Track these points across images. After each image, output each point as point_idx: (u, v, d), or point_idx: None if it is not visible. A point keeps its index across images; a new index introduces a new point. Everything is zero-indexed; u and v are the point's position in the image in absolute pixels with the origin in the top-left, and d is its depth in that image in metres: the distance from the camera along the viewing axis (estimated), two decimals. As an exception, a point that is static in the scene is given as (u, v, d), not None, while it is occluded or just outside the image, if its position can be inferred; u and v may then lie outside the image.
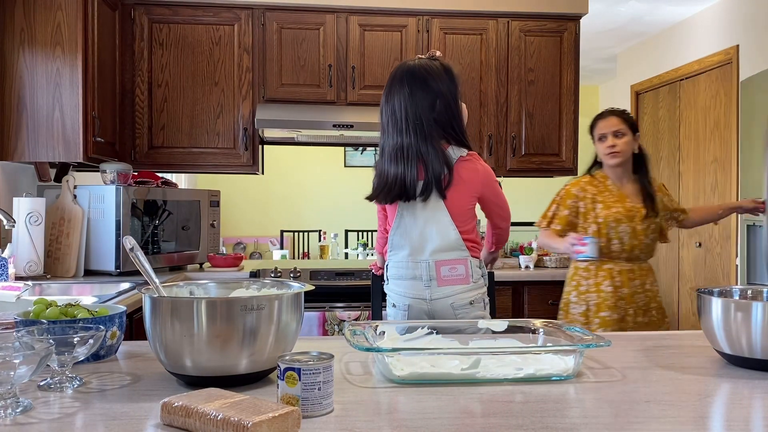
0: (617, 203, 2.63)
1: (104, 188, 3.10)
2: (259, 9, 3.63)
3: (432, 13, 3.75)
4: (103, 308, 1.47)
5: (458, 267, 2.10)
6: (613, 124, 2.65)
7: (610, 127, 2.65)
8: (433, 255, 2.09)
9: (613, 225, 2.59)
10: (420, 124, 2.07)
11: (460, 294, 2.08)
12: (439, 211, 2.10)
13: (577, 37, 3.90)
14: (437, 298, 2.08)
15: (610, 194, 2.65)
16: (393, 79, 2.14)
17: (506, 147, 3.83)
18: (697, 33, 5.18)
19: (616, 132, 2.64)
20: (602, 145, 2.67)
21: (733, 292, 1.53)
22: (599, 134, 2.68)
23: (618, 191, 2.66)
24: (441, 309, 2.08)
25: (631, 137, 2.65)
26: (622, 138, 2.64)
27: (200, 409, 0.99)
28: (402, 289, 2.13)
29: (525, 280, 3.49)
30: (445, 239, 2.10)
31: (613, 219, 2.59)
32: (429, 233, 2.09)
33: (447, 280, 2.09)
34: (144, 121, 3.57)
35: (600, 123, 2.69)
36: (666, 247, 5.66)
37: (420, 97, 2.08)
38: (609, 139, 2.64)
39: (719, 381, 1.30)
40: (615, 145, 2.62)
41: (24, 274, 2.84)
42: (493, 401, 1.17)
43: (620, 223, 2.59)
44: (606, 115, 2.70)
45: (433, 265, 2.08)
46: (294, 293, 1.27)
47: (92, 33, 3.01)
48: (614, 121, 2.66)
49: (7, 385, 1.05)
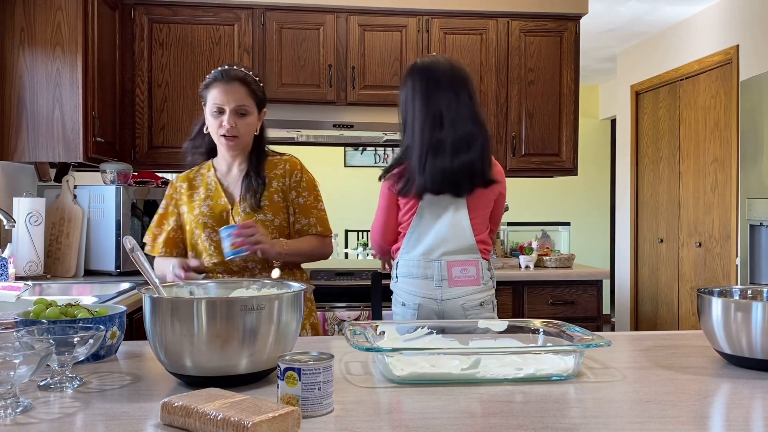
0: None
1: (104, 188, 3.10)
2: (259, 9, 3.62)
3: (432, 13, 3.75)
4: (103, 308, 1.47)
5: (470, 268, 2.11)
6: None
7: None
8: (446, 255, 2.09)
9: None
10: (477, 114, 2.15)
11: (471, 295, 2.09)
12: (461, 211, 2.10)
13: (577, 37, 3.90)
14: (448, 298, 2.08)
15: None
16: (436, 72, 2.13)
17: (506, 147, 3.82)
18: (697, 33, 5.18)
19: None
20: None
21: (733, 292, 1.53)
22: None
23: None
24: (451, 309, 2.08)
25: None
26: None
27: (200, 409, 0.99)
28: (413, 288, 2.11)
29: (525, 280, 3.49)
30: (461, 240, 2.10)
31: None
32: (447, 233, 2.09)
33: (458, 281, 2.09)
34: (144, 121, 3.57)
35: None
36: (666, 246, 5.66)
37: (468, 90, 2.14)
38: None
39: (719, 381, 1.30)
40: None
41: (24, 274, 2.84)
42: (493, 401, 1.17)
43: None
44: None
45: (445, 265, 2.08)
46: (294, 293, 1.27)
47: (92, 33, 3.01)
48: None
49: (7, 385, 1.05)
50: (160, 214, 2.19)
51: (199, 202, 2.12)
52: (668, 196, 5.64)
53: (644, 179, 6.06)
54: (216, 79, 2.07)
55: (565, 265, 3.73)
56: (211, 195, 2.13)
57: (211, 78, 2.09)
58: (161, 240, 2.15)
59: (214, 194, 2.13)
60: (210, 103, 2.06)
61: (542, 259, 3.75)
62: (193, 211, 2.12)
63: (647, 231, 6.00)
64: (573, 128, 3.89)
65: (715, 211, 4.95)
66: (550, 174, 3.96)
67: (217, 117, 2.05)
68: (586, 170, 7.07)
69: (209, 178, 2.16)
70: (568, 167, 3.90)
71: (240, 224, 1.95)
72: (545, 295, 3.51)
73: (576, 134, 3.90)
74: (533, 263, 3.68)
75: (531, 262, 3.67)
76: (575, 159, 3.90)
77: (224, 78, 2.07)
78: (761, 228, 3.81)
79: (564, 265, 3.73)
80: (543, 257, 3.75)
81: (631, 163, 6.23)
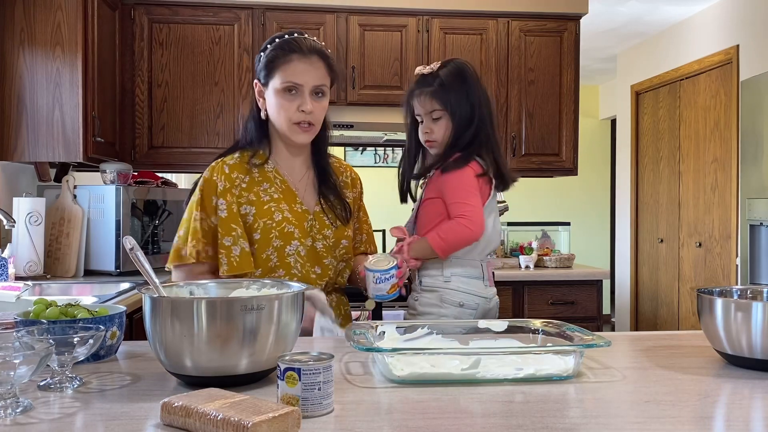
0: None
1: (104, 188, 3.10)
2: (259, 9, 3.62)
3: (432, 13, 3.75)
4: (103, 308, 1.47)
5: (491, 269, 2.13)
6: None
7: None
8: (486, 255, 2.09)
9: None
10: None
11: (496, 295, 2.12)
12: (497, 209, 2.10)
13: (577, 37, 3.90)
14: (491, 297, 2.09)
15: None
16: (472, 75, 2.06)
17: (506, 147, 3.83)
18: (697, 33, 5.18)
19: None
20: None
21: (733, 292, 1.53)
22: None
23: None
24: (494, 309, 2.09)
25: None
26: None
27: (200, 409, 0.99)
28: (472, 288, 2.05)
29: (525, 280, 3.49)
30: (497, 242, 2.12)
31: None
32: (492, 234, 2.08)
33: (491, 281, 2.11)
34: (144, 121, 3.57)
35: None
36: (666, 246, 5.66)
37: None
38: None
39: (719, 381, 1.30)
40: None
41: (24, 274, 2.84)
42: (493, 401, 1.17)
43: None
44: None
45: (485, 264, 2.09)
46: (294, 293, 1.27)
47: (92, 33, 3.01)
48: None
49: (7, 385, 1.05)
50: (223, 218, 1.71)
51: (274, 203, 1.74)
52: (668, 196, 5.65)
53: (644, 179, 6.06)
54: (292, 50, 1.70)
55: (565, 265, 3.73)
56: (283, 197, 1.76)
57: (279, 48, 1.71)
58: (238, 253, 1.69)
59: (285, 195, 1.77)
60: (280, 80, 1.69)
61: (542, 259, 3.75)
62: (271, 215, 1.73)
63: (647, 231, 6.01)
64: (573, 128, 3.89)
65: (715, 211, 4.95)
66: (550, 174, 3.96)
67: (290, 98, 1.70)
68: (586, 170, 7.07)
69: (270, 173, 1.78)
70: (568, 167, 3.90)
71: (400, 262, 1.75)
72: (545, 295, 3.51)
73: (576, 134, 3.90)
74: (533, 263, 3.68)
75: (531, 262, 3.67)
76: (575, 159, 3.90)
77: (303, 50, 1.70)
78: (761, 228, 3.81)
79: (564, 265, 3.73)
80: (543, 257, 3.75)
81: (631, 163, 6.23)
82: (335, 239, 1.81)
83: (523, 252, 3.78)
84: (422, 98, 2.03)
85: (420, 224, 2.05)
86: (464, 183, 1.96)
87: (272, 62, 1.71)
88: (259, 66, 1.76)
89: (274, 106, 1.73)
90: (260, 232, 1.72)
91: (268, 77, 1.72)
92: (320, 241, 1.79)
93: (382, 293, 1.73)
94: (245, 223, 1.73)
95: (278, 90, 1.71)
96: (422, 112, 2.04)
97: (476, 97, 2.02)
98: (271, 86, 1.72)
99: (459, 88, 2.01)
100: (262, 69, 1.74)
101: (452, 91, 2.01)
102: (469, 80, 2.03)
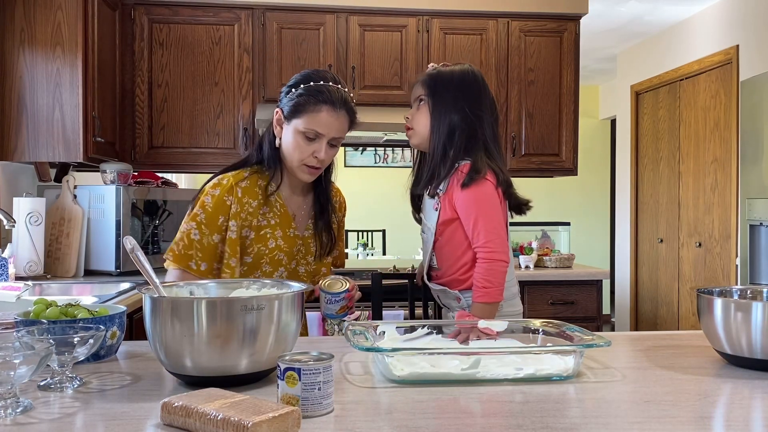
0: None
1: (104, 188, 3.10)
2: (259, 9, 3.62)
3: (432, 13, 3.75)
4: (103, 308, 1.47)
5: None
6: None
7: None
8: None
9: None
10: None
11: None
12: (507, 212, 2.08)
13: (577, 37, 3.90)
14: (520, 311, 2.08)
15: None
16: (471, 79, 1.99)
17: (506, 147, 3.83)
18: (697, 33, 5.18)
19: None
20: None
21: (733, 292, 1.53)
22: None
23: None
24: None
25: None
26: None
27: (200, 409, 0.99)
28: (518, 309, 2.04)
29: (525, 280, 3.49)
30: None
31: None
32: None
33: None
34: (144, 121, 3.57)
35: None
36: (666, 246, 5.66)
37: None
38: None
39: (719, 381, 1.30)
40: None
41: (24, 274, 2.84)
42: (493, 401, 1.17)
43: None
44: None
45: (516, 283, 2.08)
46: (294, 293, 1.27)
47: (92, 33, 3.01)
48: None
49: (7, 385, 1.05)
50: (233, 239, 1.75)
51: (270, 229, 1.80)
52: (668, 196, 5.65)
53: (644, 179, 6.06)
54: (325, 101, 1.72)
55: (565, 265, 3.73)
56: (279, 222, 1.81)
57: (312, 94, 1.73)
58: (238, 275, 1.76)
59: (281, 221, 1.81)
60: (304, 125, 1.72)
61: (542, 259, 3.75)
62: (265, 242, 1.79)
63: (647, 231, 6.01)
64: (573, 128, 3.89)
65: (715, 211, 4.95)
66: (550, 174, 3.96)
67: (309, 143, 1.73)
68: (586, 170, 7.07)
69: (272, 197, 1.81)
70: (568, 167, 3.90)
71: (351, 287, 1.79)
72: (545, 295, 3.51)
73: (576, 134, 3.90)
74: (533, 263, 3.68)
75: (531, 262, 3.67)
76: (575, 159, 3.90)
77: (334, 103, 1.73)
78: (761, 228, 3.81)
79: (564, 265, 3.73)
80: (543, 257, 3.75)
81: (631, 163, 6.23)
82: (316, 267, 1.89)
83: (523, 252, 3.78)
84: (415, 86, 2.03)
85: (440, 246, 1.98)
86: (484, 201, 1.89)
87: (302, 105, 1.73)
88: (285, 99, 1.77)
89: (290, 143, 1.75)
90: (253, 257, 1.78)
91: (293, 116, 1.74)
92: (303, 266, 1.87)
93: (332, 313, 1.79)
94: (242, 245, 1.78)
95: (299, 131, 1.73)
96: (411, 99, 2.04)
97: (473, 101, 1.96)
98: (293, 125, 1.74)
99: (451, 83, 1.97)
100: (288, 105, 1.75)
101: (442, 82, 1.97)
102: (466, 81, 1.98)
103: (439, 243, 1.99)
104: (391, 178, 6.82)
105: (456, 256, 1.95)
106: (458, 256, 1.95)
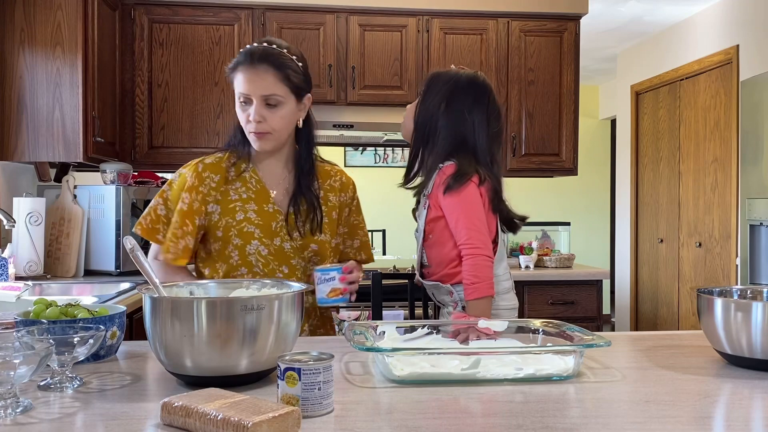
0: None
1: (104, 188, 3.10)
2: (259, 9, 3.62)
3: (432, 13, 3.75)
4: (103, 308, 1.47)
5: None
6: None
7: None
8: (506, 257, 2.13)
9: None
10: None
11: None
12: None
13: (577, 37, 3.90)
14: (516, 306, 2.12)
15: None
16: (473, 84, 2.05)
17: (506, 147, 3.83)
18: (697, 33, 5.18)
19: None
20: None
21: (733, 292, 1.53)
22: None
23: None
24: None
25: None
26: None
27: (200, 409, 0.99)
28: (513, 303, 2.10)
29: (525, 280, 3.49)
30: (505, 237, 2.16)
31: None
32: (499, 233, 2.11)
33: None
34: (144, 121, 3.57)
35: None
36: (666, 246, 5.66)
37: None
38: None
39: (719, 381, 1.30)
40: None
41: (24, 274, 2.84)
42: (493, 401, 1.17)
43: None
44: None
45: (510, 277, 2.13)
46: (294, 293, 1.27)
47: (92, 33, 3.01)
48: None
49: (7, 385, 1.05)
50: (183, 211, 1.75)
51: (240, 203, 1.77)
52: (668, 196, 5.65)
53: (644, 179, 6.06)
54: (239, 61, 1.72)
55: (565, 265, 3.73)
56: (253, 197, 1.79)
57: (235, 59, 1.74)
58: (182, 247, 1.76)
59: (257, 197, 1.79)
60: (236, 91, 1.73)
61: (542, 259, 3.75)
62: (233, 215, 1.76)
63: (647, 231, 6.01)
64: (573, 128, 3.89)
65: (715, 211, 4.95)
66: (550, 174, 3.96)
67: (243, 108, 1.73)
68: (586, 170, 7.07)
69: (247, 173, 1.80)
70: (568, 167, 3.90)
71: (345, 268, 1.68)
72: (545, 295, 3.51)
73: (576, 134, 3.90)
74: (533, 263, 3.68)
75: (531, 262, 3.67)
76: (575, 159, 3.90)
77: (249, 60, 1.70)
78: (761, 228, 3.81)
79: (564, 265, 3.73)
80: (543, 257, 3.75)
81: (631, 163, 6.23)
82: (302, 242, 1.81)
83: (523, 252, 3.78)
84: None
85: (431, 244, 2.05)
86: (466, 202, 1.95)
87: (230, 74, 1.76)
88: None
89: (238, 117, 1.78)
90: (222, 230, 1.77)
91: (233, 87, 1.76)
92: (288, 242, 1.80)
93: (323, 296, 1.67)
94: (210, 220, 1.78)
95: (237, 100, 1.75)
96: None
97: (469, 106, 2.00)
98: (235, 96, 1.77)
99: (450, 84, 2.01)
100: (228, 79, 1.79)
101: (441, 82, 2.03)
102: (467, 86, 2.03)
103: (428, 241, 2.04)
104: (391, 178, 6.79)
105: (444, 252, 2.01)
106: (446, 252, 2.01)
